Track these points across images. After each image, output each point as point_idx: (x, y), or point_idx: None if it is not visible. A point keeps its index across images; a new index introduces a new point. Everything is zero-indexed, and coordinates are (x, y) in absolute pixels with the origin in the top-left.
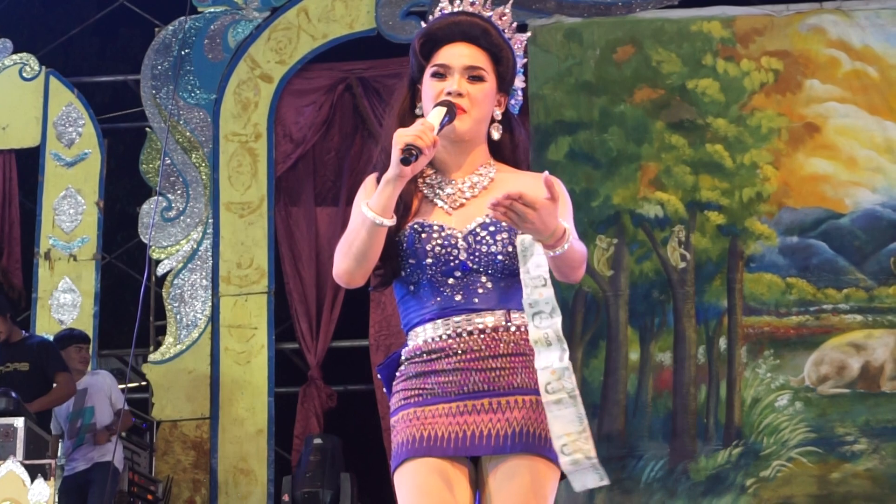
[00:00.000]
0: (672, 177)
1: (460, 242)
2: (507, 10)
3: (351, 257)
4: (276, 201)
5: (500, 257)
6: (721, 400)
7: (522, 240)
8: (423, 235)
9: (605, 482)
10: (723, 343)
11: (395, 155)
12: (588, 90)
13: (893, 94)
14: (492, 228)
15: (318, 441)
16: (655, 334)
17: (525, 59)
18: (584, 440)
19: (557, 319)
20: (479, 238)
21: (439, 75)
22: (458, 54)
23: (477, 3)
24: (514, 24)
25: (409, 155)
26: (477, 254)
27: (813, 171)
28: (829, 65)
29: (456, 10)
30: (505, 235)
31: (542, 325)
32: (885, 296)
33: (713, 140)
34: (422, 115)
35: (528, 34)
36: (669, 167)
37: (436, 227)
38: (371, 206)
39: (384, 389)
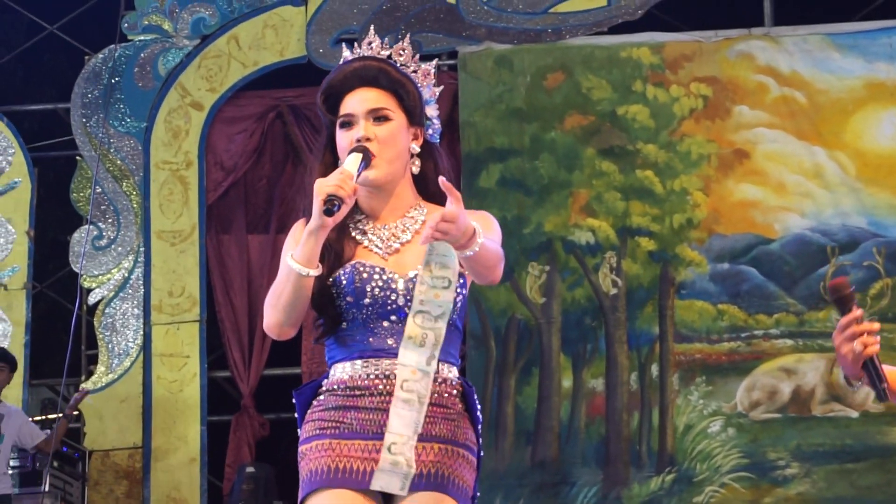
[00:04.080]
0: (603, 203)
1: (400, 288)
2: (405, 45)
3: (280, 309)
4: (207, 229)
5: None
6: (654, 426)
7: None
8: (364, 276)
9: (404, 493)
10: (655, 369)
11: (317, 206)
12: (519, 117)
13: (821, 118)
14: None
15: (250, 470)
16: (588, 361)
17: (436, 87)
18: (410, 448)
19: (441, 326)
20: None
21: (347, 125)
22: (359, 100)
23: (375, 46)
24: (417, 56)
25: (332, 206)
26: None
27: (742, 197)
28: (757, 90)
29: (350, 58)
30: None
31: (424, 325)
32: (814, 320)
33: (643, 166)
34: None
35: (435, 62)
36: (600, 193)
37: (377, 270)
38: (296, 257)
39: (296, 414)
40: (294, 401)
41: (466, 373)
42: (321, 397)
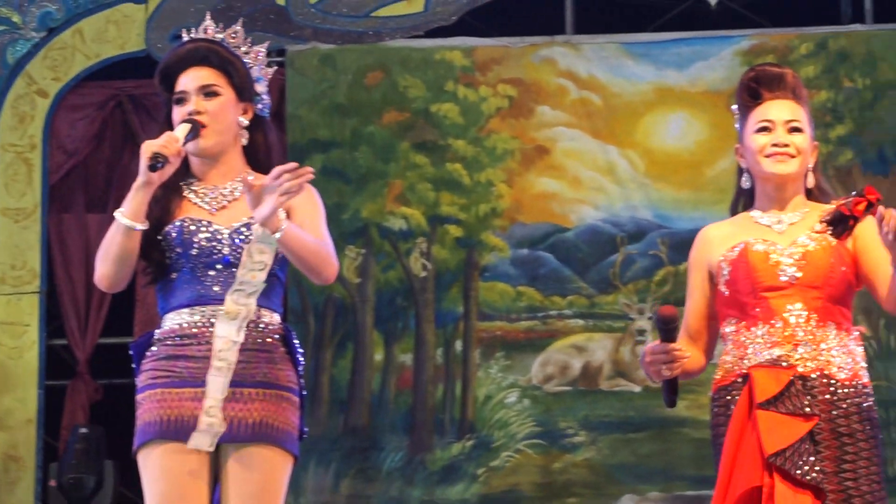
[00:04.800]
0: (416, 193)
1: (225, 238)
2: (237, 29)
3: (109, 262)
4: (49, 208)
5: None
6: (456, 397)
7: (256, 228)
8: (192, 228)
9: (211, 449)
10: (459, 345)
11: (143, 163)
12: (340, 112)
13: (615, 119)
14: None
15: (83, 431)
16: (398, 337)
17: (266, 69)
18: (220, 410)
19: (252, 302)
20: (242, 236)
21: (181, 101)
22: (191, 78)
23: (210, 30)
24: (249, 39)
25: (156, 162)
26: (239, 250)
27: (542, 190)
28: (558, 92)
29: (185, 39)
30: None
31: (239, 302)
32: (604, 303)
33: (453, 160)
34: None
35: (265, 46)
36: (413, 184)
37: (204, 223)
38: (123, 212)
39: (132, 365)
40: (131, 352)
41: None
42: (154, 348)
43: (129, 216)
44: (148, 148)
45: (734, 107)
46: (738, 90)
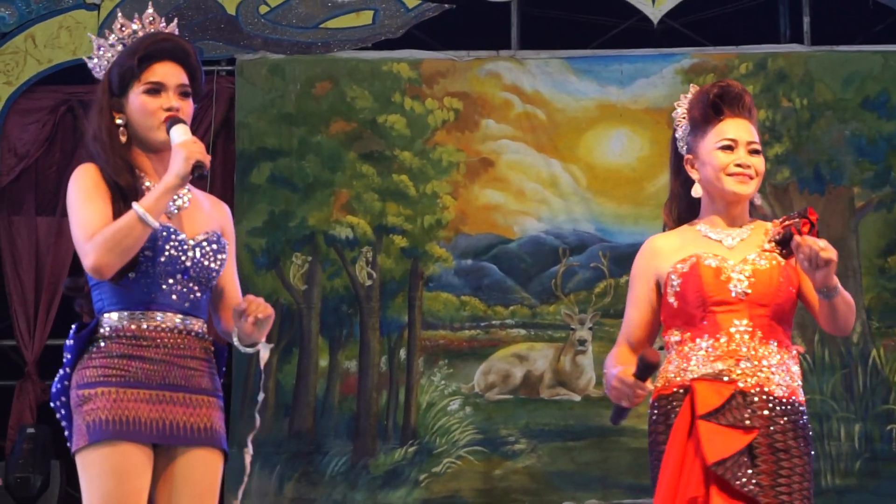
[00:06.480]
0: (362, 202)
1: (189, 250)
2: (175, 32)
3: (117, 253)
4: None
5: (214, 273)
6: (400, 404)
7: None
8: (164, 234)
9: None
10: (403, 353)
11: (186, 167)
12: (289, 121)
13: (558, 134)
14: (215, 246)
15: (30, 431)
16: (343, 344)
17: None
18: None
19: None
20: (204, 251)
21: (154, 91)
22: (170, 73)
23: (156, 21)
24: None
25: (202, 170)
26: (199, 265)
27: (486, 201)
28: (503, 106)
29: (159, 30)
30: (223, 256)
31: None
32: (545, 313)
33: (399, 171)
34: (124, 125)
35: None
36: (360, 193)
37: (172, 231)
38: (147, 208)
39: (68, 355)
40: (71, 342)
41: (232, 350)
42: (101, 343)
43: (153, 213)
44: (192, 153)
45: (678, 112)
46: (698, 103)
